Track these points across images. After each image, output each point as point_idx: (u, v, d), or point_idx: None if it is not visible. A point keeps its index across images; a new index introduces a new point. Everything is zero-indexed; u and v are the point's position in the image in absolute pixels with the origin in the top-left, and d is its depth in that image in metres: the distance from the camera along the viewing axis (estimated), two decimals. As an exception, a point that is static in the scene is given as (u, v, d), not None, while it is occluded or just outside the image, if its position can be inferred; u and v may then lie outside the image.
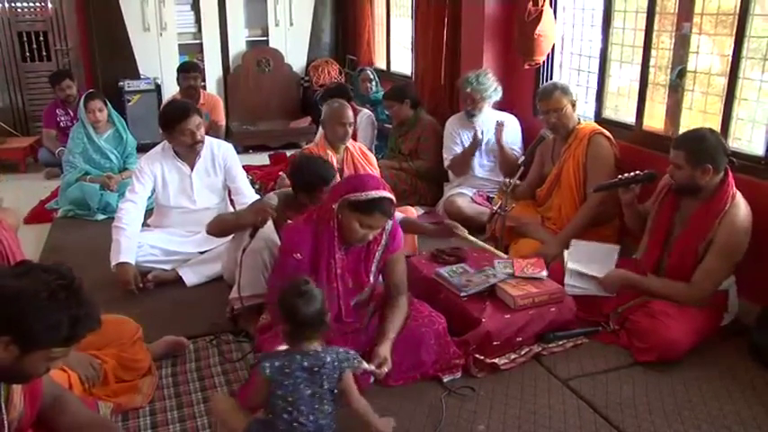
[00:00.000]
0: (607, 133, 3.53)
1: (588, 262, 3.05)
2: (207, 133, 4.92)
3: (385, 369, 2.35)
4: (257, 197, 3.79)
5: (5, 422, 1.68)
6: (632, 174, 3.05)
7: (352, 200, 2.34)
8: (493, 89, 4.31)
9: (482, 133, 4.35)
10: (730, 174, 2.78)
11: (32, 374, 1.65)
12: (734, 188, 2.76)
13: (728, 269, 2.77)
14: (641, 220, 3.11)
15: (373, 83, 5.63)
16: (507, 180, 3.54)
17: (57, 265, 1.64)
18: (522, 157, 3.57)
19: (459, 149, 4.44)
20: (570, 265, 3.05)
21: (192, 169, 3.57)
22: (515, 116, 4.46)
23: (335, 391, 2.06)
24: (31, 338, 1.53)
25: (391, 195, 2.39)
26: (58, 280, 1.56)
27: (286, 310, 2.04)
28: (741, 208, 2.74)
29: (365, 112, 5.11)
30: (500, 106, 4.50)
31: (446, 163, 4.52)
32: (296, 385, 1.97)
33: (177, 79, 5.58)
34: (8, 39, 6.58)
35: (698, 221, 2.80)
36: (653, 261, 2.96)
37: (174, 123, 3.45)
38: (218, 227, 3.08)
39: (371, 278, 2.57)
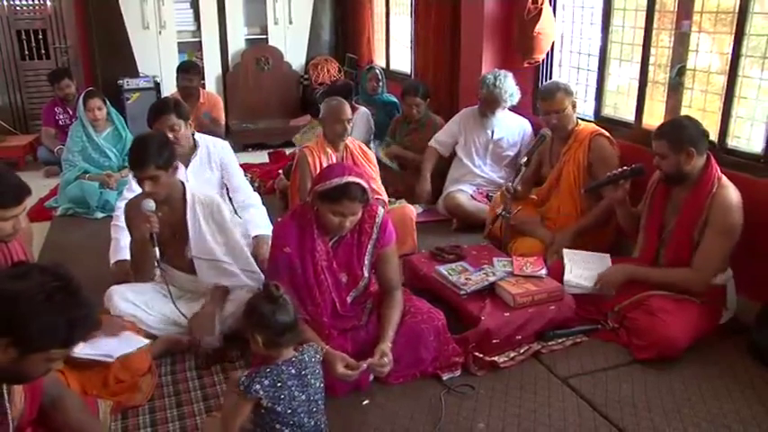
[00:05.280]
0: (607, 134, 3.53)
1: (584, 268, 3.06)
2: (206, 131, 4.93)
3: (385, 360, 2.37)
4: (256, 195, 3.79)
5: (10, 419, 1.68)
6: (620, 170, 3.08)
7: (320, 190, 2.39)
8: (509, 94, 4.20)
9: (492, 133, 4.35)
10: (712, 158, 2.82)
11: (33, 375, 1.65)
12: (718, 171, 2.80)
13: (728, 248, 2.77)
14: (635, 219, 3.13)
15: (381, 83, 5.60)
16: (509, 185, 3.53)
17: (54, 267, 1.62)
18: (525, 158, 3.55)
19: (450, 142, 4.47)
20: (568, 268, 3.05)
21: (186, 167, 3.55)
22: (529, 121, 4.43)
23: (323, 384, 2.10)
24: (30, 341, 1.52)
25: (359, 180, 2.39)
26: (55, 282, 1.55)
27: (260, 319, 2.01)
28: (729, 188, 2.77)
29: (362, 110, 5.10)
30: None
31: (432, 142, 4.52)
32: (291, 395, 1.97)
33: (176, 78, 5.57)
34: (7, 37, 6.58)
35: (689, 207, 2.82)
36: (650, 255, 2.98)
37: (150, 122, 3.42)
38: (132, 258, 2.94)
39: (365, 271, 2.58)
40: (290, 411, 1.97)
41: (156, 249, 2.75)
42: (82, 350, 2.34)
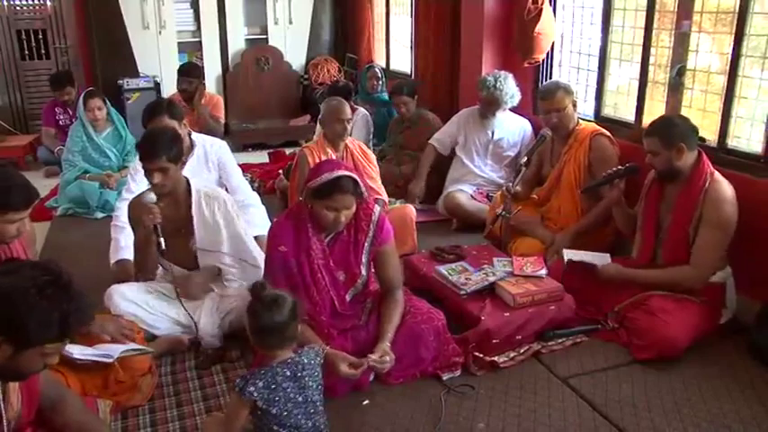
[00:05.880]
0: (607, 133, 3.53)
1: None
2: (208, 129, 4.93)
3: (387, 358, 2.37)
4: (255, 195, 3.79)
5: (5, 421, 1.68)
6: (614, 169, 3.09)
7: (312, 187, 2.39)
8: (509, 96, 4.22)
9: (492, 134, 4.36)
10: (703, 154, 2.84)
11: (29, 371, 1.64)
12: (710, 167, 2.81)
13: (723, 242, 2.77)
14: (632, 219, 3.13)
15: (380, 81, 5.62)
16: (509, 185, 3.54)
17: (44, 261, 1.62)
18: (525, 158, 3.55)
19: (448, 142, 4.48)
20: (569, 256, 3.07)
21: (183, 167, 3.54)
22: (530, 121, 4.43)
23: (322, 385, 2.08)
24: (23, 336, 1.52)
25: (349, 173, 2.40)
26: (45, 276, 1.55)
27: (249, 318, 2.02)
28: (722, 183, 2.78)
29: (361, 111, 5.11)
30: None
31: (431, 140, 4.54)
32: (287, 397, 1.96)
33: (177, 81, 5.57)
34: (7, 37, 6.58)
35: (682, 203, 2.83)
36: (648, 255, 2.98)
37: (144, 123, 3.43)
38: (136, 256, 2.93)
39: (363, 269, 2.58)
40: (285, 413, 1.96)
41: (162, 240, 2.74)
42: (82, 353, 2.35)
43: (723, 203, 2.74)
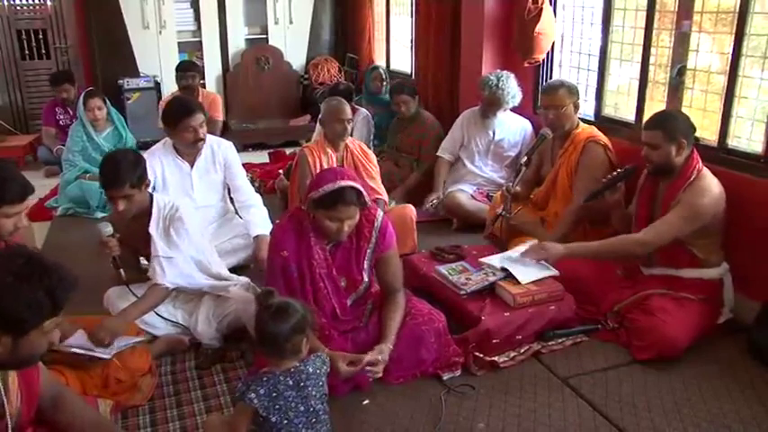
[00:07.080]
0: (604, 139, 3.48)
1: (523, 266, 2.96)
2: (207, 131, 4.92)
3: (380, 357, 2.37)
4: (257, 195, 3.79)
5: (8, 415, 1.68)
6: (614, 173, 3.07)
7: (315, 198, 2.36)
8: (511, 96, 4.23)
9: (493, 134, 4.36)
10: (695, 151, 2.84)
11: (36, 354, 1.66)
12: (700, 163, 2.81)
13: (681, 226, 2.74)
14: (629, 219, 3.12)
15: (384, 83, 5.62)
16: (509, 185, 3.54)
17: (9, 248, 1.64)
18: (525, 158, 3.55)
19: (456, 148, 4.50)
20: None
21: (191, 167, 3.55)
22: (530, 121, 4.43)
23: (326, 394, 2.05)
24: (19, 324, 1.53)
25: (352, 183, 2.37)
26: (17, 260, 1.55)
27: (255, 324, 2.01)
28: (708, 178, 2.79)
29: (362, 112, 5.11)
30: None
31: (440, 152, 4.54)
32: (288, 405, 1.93)
33: (176, 78, 5.58)
34: (7, 37, 6.59)
35: (668, 197, 2.84)
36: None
37: (178, 120, 3.40)
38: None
39: (365, 275, 2.57)
40: (285, 422, 1.93)
41: (122, 271, 2.76)
42: (80, 344, 2.36)
43: (702, 192, 2.74)
